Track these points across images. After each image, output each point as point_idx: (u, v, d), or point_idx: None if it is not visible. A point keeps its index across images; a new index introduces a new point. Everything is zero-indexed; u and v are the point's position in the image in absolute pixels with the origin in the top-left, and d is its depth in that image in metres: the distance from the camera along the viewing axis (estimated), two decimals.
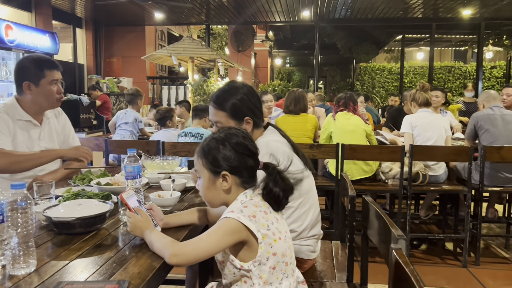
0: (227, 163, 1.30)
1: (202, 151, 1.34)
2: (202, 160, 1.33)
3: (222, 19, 9.83)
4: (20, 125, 2.17)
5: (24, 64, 2.17)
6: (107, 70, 10.12)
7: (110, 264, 1.16)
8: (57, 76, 2.19)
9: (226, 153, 1.30)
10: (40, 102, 2.19)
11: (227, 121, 1.70)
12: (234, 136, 1.33)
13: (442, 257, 3.53)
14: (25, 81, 2.14)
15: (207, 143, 1.34)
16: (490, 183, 3.42)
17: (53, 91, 2.18)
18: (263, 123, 1.79)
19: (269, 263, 1.24)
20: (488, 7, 8.36)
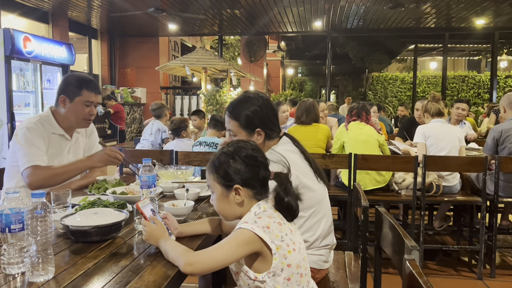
0: (239, 177, 1.31)
1: (212, 166, 1.35)
2: (213, 175, 1.35)
3: (235, 29, 9.93)
4: (53, 138, 2.24)
5: (68, 79, 2.25)
6: (122, 80, 10.28)
7: (126, 272, 1.18)
8: (93, 99, 2.24)
9: (236, 167, 1.31)
10: (70, 118, 2.25)
11: (239, 131, 1.73)
12: (243, 149, 1.34)
13: (456, 269, 3.48)
14: (62, 94, 2.21)
15: (217, 158, 1.35)
16: (505, 193, 3.37)
17: (84, 112, 2.23)
18: (279, 133, 1.80)
19: (284, 274, 1.24)
20: (502, 17, 8.31)
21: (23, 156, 2.09)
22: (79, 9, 7.81)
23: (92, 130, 2.54)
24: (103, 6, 7.68)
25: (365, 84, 16.44)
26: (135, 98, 9.82)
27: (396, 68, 18.40)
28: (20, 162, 2.10)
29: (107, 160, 2.13)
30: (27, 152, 2.10)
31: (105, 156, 2.12)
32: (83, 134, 2.45)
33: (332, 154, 3.53)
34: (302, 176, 1.65)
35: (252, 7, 7.69)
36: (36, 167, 2.08)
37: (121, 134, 8.28)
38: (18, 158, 2.12)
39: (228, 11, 8.04)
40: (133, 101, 9.68)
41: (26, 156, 2.09)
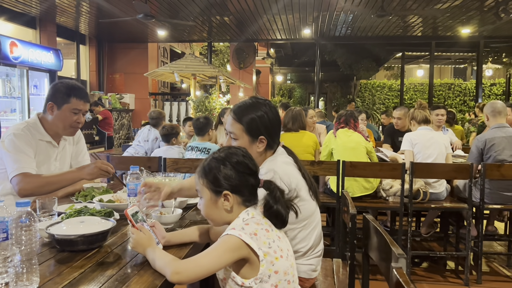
0: (228, 183, 1.31)
1: (202, 171, 1.35)
2: (203, 180, 1.34)
3: (224, 36, 9.95)
4: (41, 145, 2.21)
5: (57, 86, 2.22)
6: (110, 86, 10.21)
7: (112, 282, 1.17)
8: (81, 107, 2.21)
9: (227, 173, 1.31)
10: (57, 125, 2.22)
11: (242, 135, 1.67)
12: (234, 155, 1.34)
13: (443, 275, 3.51)
14: (50, 101, 2.19)
15: (207, 163, 1.35)
16: (490, 200, 3.41)
17: (71, 119, 2.20)
18: (278, 144, 1.77)
19: (271, 281, 1.24)
20: (487, 26, 8.47)
21: (12, 163, 2.06)
22: (67, 15, 7.76)
23: (79, 137, 2.51)
24: (91, 12, 7.64)
25: (353, 91, 16.57)
26: (123, 104, 9.76)
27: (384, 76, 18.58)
28: (9, 169, 2.07)
29: (97, 173, 2.07)
30: (16, 159, 2.07)
31: (95, 169, 2.06)
32: (70, 142, 2.43)
33: (321, 161, 3.54)
34: (299, 189, 1.65)
35: (241, 14, 7.72)
36: (26, 174, 2.05)
37: (109, 141, 8.21)
38: (6, 165, 2.09)
39: (217, 18, 8.06)
40: (121, 107, 9.62)
41: (15, 163, 2.06)
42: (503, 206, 3.45)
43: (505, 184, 3.40)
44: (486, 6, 6.97)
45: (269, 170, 1.56)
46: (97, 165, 2.05)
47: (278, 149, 1.76)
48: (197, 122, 4.10)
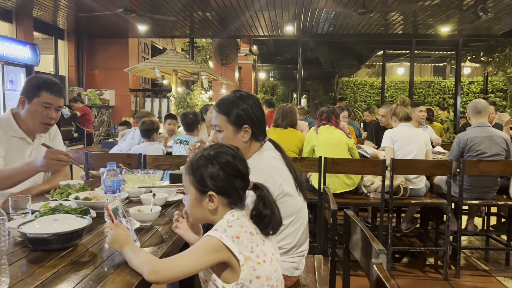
0: (215, 184, 1.27)
1: (190, 167, 1.31)
2: (189, 177, 1.31)
3: (206, 32, 9.87)
4: (14, 141, 2.14)
5: (31, 80, 2.15)
6: (89, 82, 10.03)
7: (87, 281, 1.13)
8: (52, 101, 2.12)
9: (214, 173, 1.27)
10: (28, 120, 2.14)
11: (226, 126, 1.70)
12: (224, 155, 1.30)
13: (423, 270, 3.56)
14: (22, 95, 2.12)
15: (196, 160, 1.31)
16: (469, 196, 3.47)
17: (41, 114, 2.11)
18: (264, 137, 1.78)
19: (253, 286, 1.21)
20: (465, 25, 8.61)
21: None
22: (45, 9, 7.57)
23: (55, 133, 2.44)
24: (70, 6, 7.47)
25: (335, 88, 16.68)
26: (103, 101, 9.60)
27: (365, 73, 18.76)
28: None
29: (50, 164, 1.94)
30: None
31: (46, 160, 1.92)
32: (46, 138, 2.35)
33: (303, 157, 3.54)
34: (285, 184, 1.64)
35: (223, 10, 7.67)
36: None
37: (89, 137, 8.07)
38: None
39: (199, 13, 7.99)
40: (101, 103, 9.46)
41: None
42: (481, 202, 3.51)
43: (482, 180, 3.46)
44: (465, 5, 7.07)
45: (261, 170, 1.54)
46: (46, 156, 1.93)
47: (265, 144, 1.75)
48: (186, 119, 4.05)
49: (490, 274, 3.46)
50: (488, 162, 3.31)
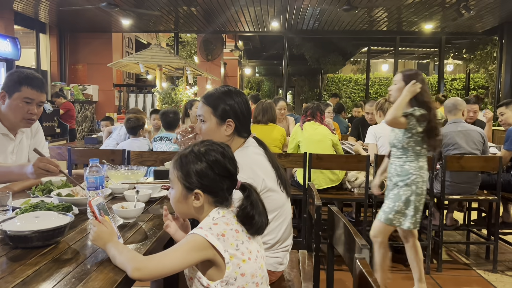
0: (201, 182, 1.26)
1: (179, 162, 1.30)
2: (177, 172, 1.29)
3: (191, 27, 9.80)
4: None
5: (11, 74, 2.10)
6: (72, 77, 9.87)
7: (69, 279, 1.12)
8: (34, 96, 2.08)
9: (202, 171, 1.26)
10: (8, 116, 2.10)
11: (210, 117, 1.71)
12: (213, 153, 1.28)
13: (406, 264, 3.60)
14: (2, 90, 2.08)
15: (185, 156, 1.29)
16: (450, 192, 3.53)
17: (22, 109, 2.07)
18: (248, 134, 1.78)
19: (237, 283, 1.21)
20: (448, 22, 8.72)
21: None
22: (26, 1, 7.40)
23: (37, 129, 2.40)
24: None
25: (320, 85, 16.75)
26: (86, 96, 9.47)
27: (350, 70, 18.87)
28: None
29: (39, 173, 1.86)
30: None
31: (35, 169, 1.86)
32: (28, 134, 2.31)
33: (288, 153, 3.56)
34: (268, 180, 1.64)
35: (208, 5, 7.62)
36: None
37: (71, 133, 7.95)
38: None
39: (184, 8, 7.92)
40: (84, 98, 9.32)
41: None
42: (462, 197, 3.58)
43: (463, 176, 3.52)
44: (448, 3, 7.17)
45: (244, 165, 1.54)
46: (35, 164, 1.86)
47: (249, 139, 1.75)
48: (167, 118, 4.02)
49: (470, 267, 3.54)
50: (469, 157, 3.37)
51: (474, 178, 3.55)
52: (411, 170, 2.69)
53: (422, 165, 2.71)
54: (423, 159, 2.73)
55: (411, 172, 2.69)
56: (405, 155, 2.73)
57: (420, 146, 2.70)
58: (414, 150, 2.71)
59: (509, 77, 8.54)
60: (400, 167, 2.73)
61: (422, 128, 2.65)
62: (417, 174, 2.68)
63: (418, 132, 2.65)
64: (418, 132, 2.65)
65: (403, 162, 2.73)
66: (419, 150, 2.71)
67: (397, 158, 2.78)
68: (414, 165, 2.69)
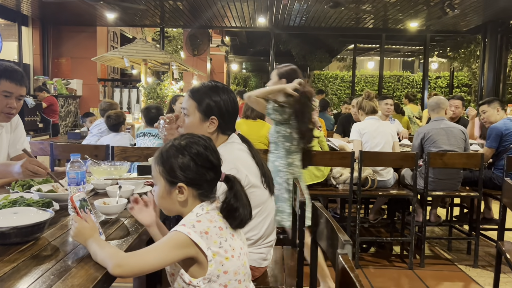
0: (185, 175, 1.24)
1: (160, 157, 1.28)
2: (159, 168, 1.27)
3: (177, 22, 9.71)
4: None
5: None
6: (55, 71, 9.69)
7: (48, 276, 1.10)
8: (13, 90, 2.02)
9: (184, 164, 1.24)
10: None
11: (194, 112, 1.68)
12: (195, 145, 1.27)
13: (389, 260, 3.65)
14: None
15: (166, 150, 1.28)
16: (433, 188, 3.57)
17: (1, 103, 2.01)
18: (232, 132, 1.76)
19: (220, 281, 1.20)
20: (433, 20, 8.81)
21: None
22: None
23: (17, 123, 2.34)
24: None
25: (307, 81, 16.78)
26: (70, 90, 9.31)
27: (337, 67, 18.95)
28: None
29: (26, 174, 1.81)
30: None
31: (22, 169, 1.81)
32: (7, 129, 2.26)
33: None
34: (251, 176, 1.63)
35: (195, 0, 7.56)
36: None
37: (54, 128, 7.82)
38: None
39: (170, 2, 7.84)
40: (68, 93, 9.17)
41: None
42: (444, 193, 3.63)
43: (446, 172, 3.57)
44: (433, 1, 7.23)
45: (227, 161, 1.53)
46: (23, 164, 1.81)
47: (232, 136, 1.74)
48: (149, 114, 3.97)
49: (452, 262, 3.59)
50: (452, 154, 3.42)
51: (456, 174, 3.60)
52: (280, 167, 2.71)
53: (291, 161, 2.72)
54: (294, 156, 2.73)
55: (280, 169, 2.70)
56: (277, 150, 2.75)
57: (289, 142, 2.71)
58: (284, 146, 2.72)
59: (491, 75, 8.68)
60: (271, 163, 2.74)
61: (287, 115, 2.66)
62: (286, 171, 2.69)
63: (285, 119, 2.66)
64: (285, 118, 2.66)
65: (274, 158, 2.75)
66: (289, 147, 2.72)
67: (271, 153, 2.80)
68: (284, 161, 2.71)
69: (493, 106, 3.99)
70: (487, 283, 3.15)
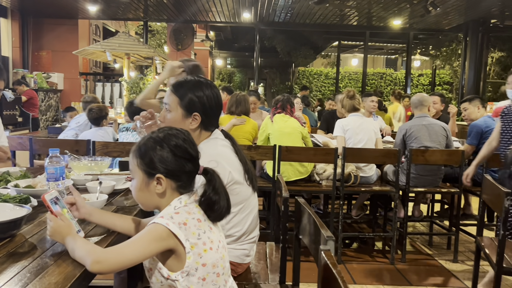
0: (163, 166, 1.23)
1: (138, 150, 1.26)
2: (137, 160, 1.26)
3: (161, 16, 9.60)
4: None
5: None
6: (36, 64, 9.49)
7: (24, 274, 1.06)
8: None
9: (163, 155, 1.23)
10: None
11: (176, 108, 1.65)
12: (173, 137, 1.26)
13: (371, 255, 3.69)
14: None
15: (144, 143, 1.26)
16: (415, 184, 3.61)
17: None
18: (215, 128, 1.73)
19: (198, 274, 1.19)
20: (416, 18, 8.90)
21: None
22: None
23: None
24: None
25: (291, 78, 16.83)
26: (51, 84, 9.13)
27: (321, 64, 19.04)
28: None
29: None
30: None
31: None
32: None
33: (257, 145, 3.55)
34: (234, 172, 1.62)
35: None
36: None
37: (34, 122, 7.66)
38: None
39: None
40: (48, 87, 8.99)
41: None
42: (426, 189, 3.68)
43: (428, 168, 3.62)
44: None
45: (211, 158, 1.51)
46: None
47: (215, 131, 1.72)
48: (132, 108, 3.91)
49: (433, 257, 3.65)
50: (434, 151, 3.47)
51: (437, 171, 3.66)
52: None
53: None
54: None
55: None
56: None
57: None
58: None
59: (472, 73, 8.82)
60: None
61: None
62: None
63: None
64: None
65: None
66: None
67: None
68: None
69: (474, 104, 4.05)
70: (466, 278, 3.21)
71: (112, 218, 1.42)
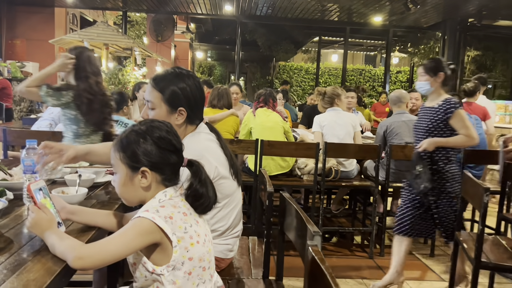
0: (148, 159, 1.19)
1: (120, 144, 1.22)
2: (119, 154, 1.22)
3: (141, 6, 9.43)
4: None
5: None
6: (9, 53, 9.19)
7: (0, 270, 1.02)
8: None
9: (146, 148, 1.19)
10: None
11: (160, 104, 1.58)
12: (156, 130, 1.22)
13: (351, 249, 3.72)
14: None
15: (126, 136, 1.22)
16: (394, 180, 3.66)
17: None
18: (201, 121, 1.69)
19: (184, 268, 1.17)
20: (395, 15, 9.01)
21: None
22: None
23: None
24: None
25: (272, 72, 16.82)
26: (25, 74, 8.85)
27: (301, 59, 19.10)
28: None
29: None
30: None
31: None
32: None
33: (239, 139, 3.53)
34: (220, 167, 1.59)
35: None
36: None
37: (8, 113, 7.42)
38: None
39: None
40: (23, 76, 8.71)
41: None
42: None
43: (407, 164, 3.67)
44: None
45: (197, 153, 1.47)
46: None
47: (200, 125, 1.68)
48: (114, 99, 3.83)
49: (410, 252, 3.70)
50: (413, 147, 3.51)
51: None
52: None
53: None
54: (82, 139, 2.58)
55: None
56: (66, 134, 2.62)
57: (76, 125, 2.59)
58: (71, 129, 2.59)
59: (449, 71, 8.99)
60: None
61: (66, 100, 2.52)
62: None
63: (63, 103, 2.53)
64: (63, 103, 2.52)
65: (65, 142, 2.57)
66: (76, 130, 2.59)
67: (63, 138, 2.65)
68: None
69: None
70: (442, 271, 3.28)
71: (95, 215, 1.37)
